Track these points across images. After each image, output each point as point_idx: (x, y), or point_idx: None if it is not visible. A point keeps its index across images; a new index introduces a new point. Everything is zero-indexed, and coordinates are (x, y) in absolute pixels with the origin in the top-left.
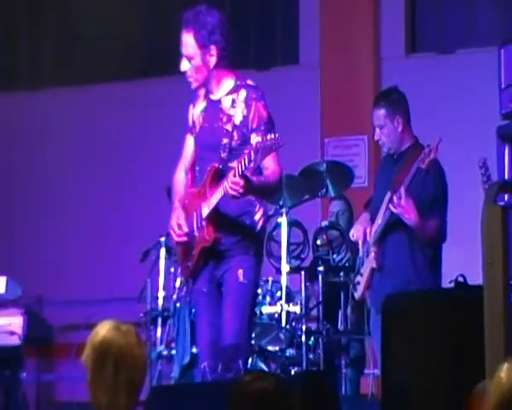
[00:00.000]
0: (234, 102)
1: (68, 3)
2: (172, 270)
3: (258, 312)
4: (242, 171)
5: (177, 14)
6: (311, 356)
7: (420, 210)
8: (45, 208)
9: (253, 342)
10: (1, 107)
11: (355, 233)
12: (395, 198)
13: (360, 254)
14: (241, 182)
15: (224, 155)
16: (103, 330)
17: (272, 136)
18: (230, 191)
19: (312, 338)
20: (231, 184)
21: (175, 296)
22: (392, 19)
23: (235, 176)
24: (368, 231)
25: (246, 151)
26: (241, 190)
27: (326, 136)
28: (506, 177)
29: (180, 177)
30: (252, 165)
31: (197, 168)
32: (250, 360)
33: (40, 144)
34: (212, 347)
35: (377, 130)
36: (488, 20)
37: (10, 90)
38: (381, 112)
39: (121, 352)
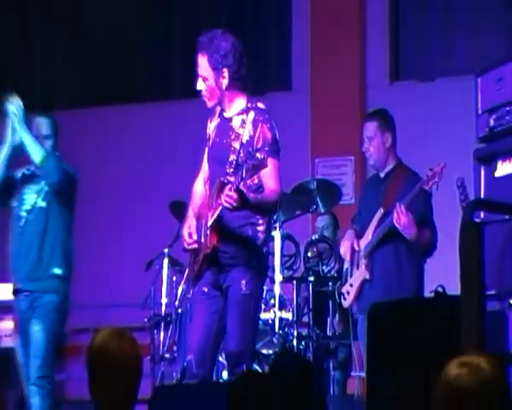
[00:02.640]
0: (243, 122)
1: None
2: (174, 278)
3: None
4: (237, 186)
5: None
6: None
7: (416, 224)
8: None
9: None
10: None
11: (343, 248)
12: (397, 214)
13: (346, 265)
14: (235, 196)
15: (229, 170)
16: (99, 336)
17: (260, 156)
18: (225, 203)
19: (303, 343)
20: (226, 197)
21: (177, 303)
22: (377, 49)
23: (230, 190)
24: (355, 244)
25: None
26: (234, 204)
27: (316, 156)
28: (482, 196)
29: (198, 187)
30: (243, 181)
31: (209, 181)
32: None
33: None
34: (202, 343)
35: (366, 141)
36: (465, 50)
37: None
38: (373, 124)
39: (116, 354)
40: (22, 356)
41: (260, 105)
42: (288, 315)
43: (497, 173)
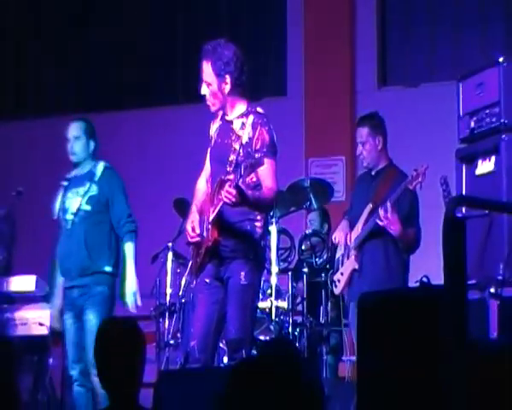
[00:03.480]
0: (243, 124)
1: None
2: (178, 270)
3: None
4: (236, 183)
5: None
6: (296, 345)
7: (401, 222)
8: None
9: None
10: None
11: (337, 237)
12: (381, 212)
13: (338, 255)
14: (234, 192)
15: (229, 169)
16: (103, 325)
17: (257, 155)
18: (225, 199)
19: (298, 330)
20: (226, 193)
21: (181, 293)
22: (365, 58)
23: (230, 187)
24: (348, 236)
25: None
26: (233, 200)
27: (309, 157)
28: (463, 192)
29: (200, 184)
30: (242, 179)
31: (211, 178)
32: None
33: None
34: (204, 330)
35: (360, 146)
36: (447, 58)
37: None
38: (365, 130)
39: (119, 341)
40: (71, 343)
41: (259, 110)
42: (283, 304)
43: (478, 172)
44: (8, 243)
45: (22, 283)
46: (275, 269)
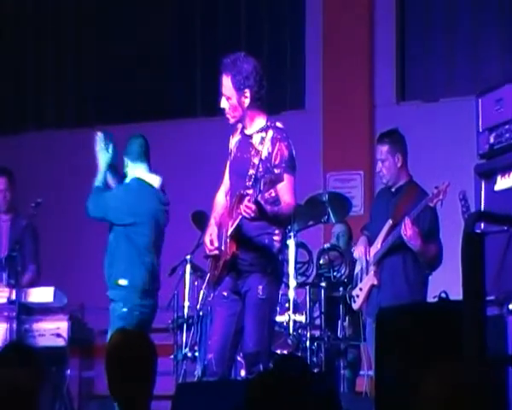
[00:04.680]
0: (262, 139)
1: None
2: (196, 283)
3: None
4: (255, 198)
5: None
6: (314, 359)
7: (422, 237)
8: (87, 229)
9: None
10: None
11: (357, 252)
12: (404, 226)
13: (357, 271)
14: (253, 207)
15: (248, 183)
16: (115, 337)
17: (277, 171)
18: (244, 213)
19: (315, 344)
20: (245, 207)
21: (198, 306)
22: (384, 72)
23: (249, 201)
24: (367, 251)
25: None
26: (252, 214)
27: (328, 171)
28: (482, 208)
29: (219, 198)
30: (261, 194)
31: (230, 192)
32: None
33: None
34: (221, 343)
35: (379, 163)
36: (467, 73)
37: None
38: (385, 148)
39: (131, 355)
40: None
41: (279, 124)
42: (301, 318)
43: (497, 187)
44: (34, 254)
45: (40, 294)
46: (293, 283)
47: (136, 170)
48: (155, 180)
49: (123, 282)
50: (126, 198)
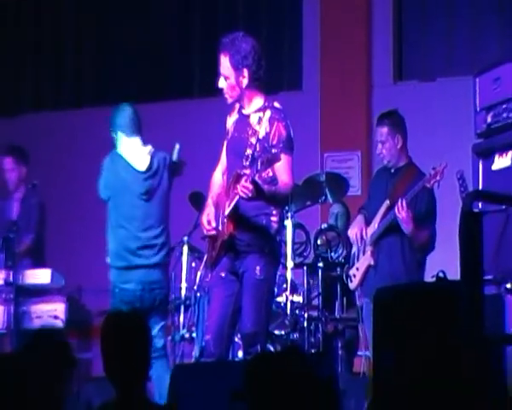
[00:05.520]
0: (260, 119)
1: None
2: (193, 264)
3: None
4: (252, 177)
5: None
6: (312, 339)
7: (415, 221)
8: (84, 210)
9: None
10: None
11: (353, 233)
12: (398, 207)
13: (354, 250)
14: (250, 187)
15: (245, 162)
16: (110, 317)
17: (274, 150)
18: (241, 193)
19: (313, 324)
20: (242, 187)
21: (195, 287)
22: (381, 52)
23: (246, 181)
24: (364, 231)
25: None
26: (249, 194)
27: (325, 151)
28: (480, 187)
29: (216, 177)
30: (259, 174)
31: (227, 172)
32: None
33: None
34: (219, 324)
35: (379, 145)
36: (464, 53)
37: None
38: (385, 129)
39: (122, 335)
40: None
41: (277, 105)
42: (298, 298)
43: (494, 167)
44: (38, 228)
45: (38, 276)
46: (290, 264)
47: (130, 144)
48: (139, 149)
49: (108, 260)
50: (104, 173)
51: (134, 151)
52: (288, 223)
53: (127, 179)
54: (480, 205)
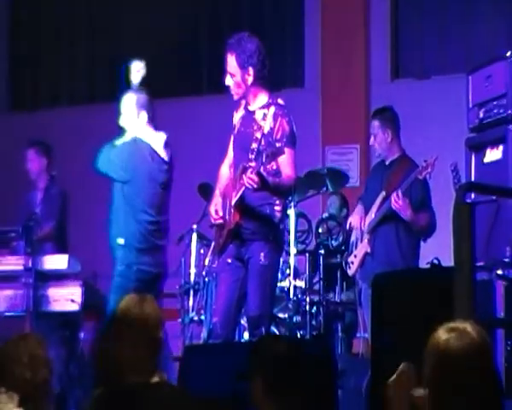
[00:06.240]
0: (265, 115)
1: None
2: (202, 251)
3: None
4: (258, 170)
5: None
6: (313, 322)
7: (413, 207)
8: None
9: None
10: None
11: (352, 221)
12: (394, 198)
13: (353, 238)
14: (256, 178)
15: (251, 156)
16: (123, 301)
17: (278, 145)
18: (247, 184)
19: (315, 307)
20: (248, 179)
21: (204, 272)
22: (379, 51)
23: (252, 173)
24: (362, 220)
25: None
26: (255, 185)
27: (326, 145)
28: (472, 179)
29: (224, 170)
30: (263, 166)
31: (233, 165)
32: None
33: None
34: (225, 307)
35: (372, 137)
36: (458, 51)
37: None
38: (376, 123)
39: (136, 316)
40: None
41: (280, 101)
42: (301, 284)
43: (486, 160)
44: (59, 216)
45: (55, 261)
46: (293, 251)
47: (149, 129)
48: (159, 138)
49: (121, 241)
50: (123, 155)
51: (155, 138)
52: (291, 212)
53: (153, 168)
54: (472, 196)
